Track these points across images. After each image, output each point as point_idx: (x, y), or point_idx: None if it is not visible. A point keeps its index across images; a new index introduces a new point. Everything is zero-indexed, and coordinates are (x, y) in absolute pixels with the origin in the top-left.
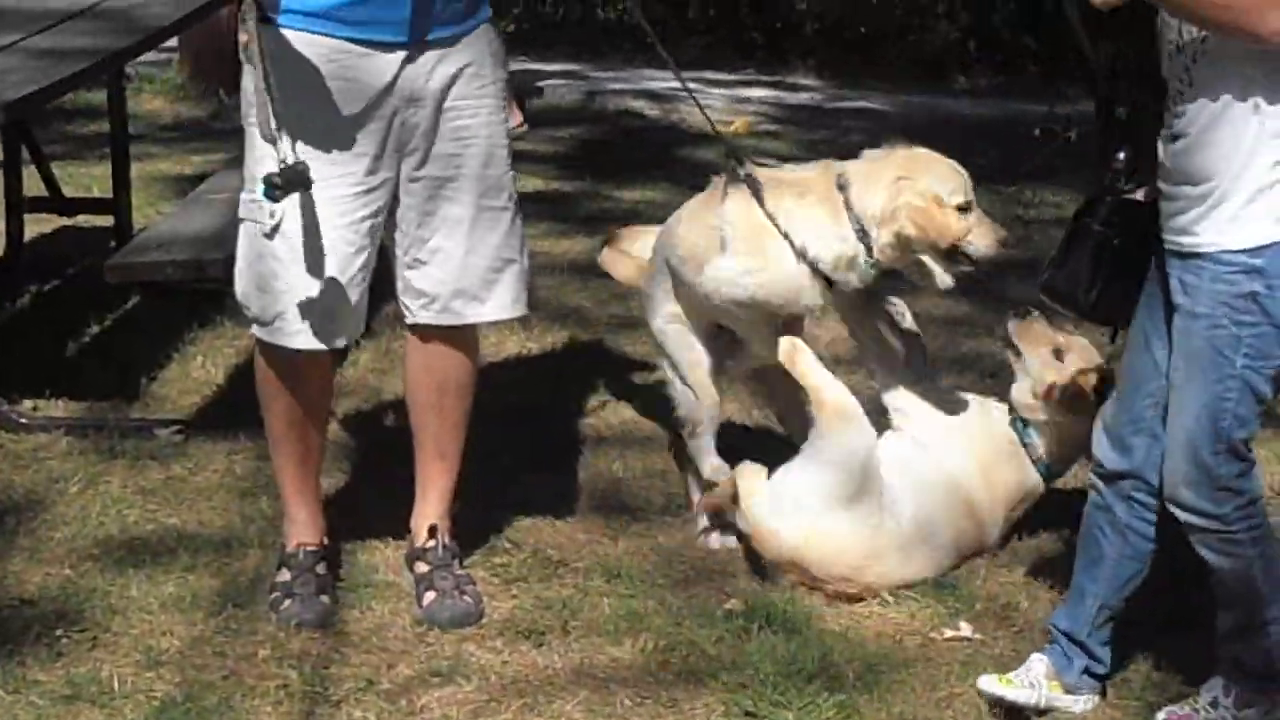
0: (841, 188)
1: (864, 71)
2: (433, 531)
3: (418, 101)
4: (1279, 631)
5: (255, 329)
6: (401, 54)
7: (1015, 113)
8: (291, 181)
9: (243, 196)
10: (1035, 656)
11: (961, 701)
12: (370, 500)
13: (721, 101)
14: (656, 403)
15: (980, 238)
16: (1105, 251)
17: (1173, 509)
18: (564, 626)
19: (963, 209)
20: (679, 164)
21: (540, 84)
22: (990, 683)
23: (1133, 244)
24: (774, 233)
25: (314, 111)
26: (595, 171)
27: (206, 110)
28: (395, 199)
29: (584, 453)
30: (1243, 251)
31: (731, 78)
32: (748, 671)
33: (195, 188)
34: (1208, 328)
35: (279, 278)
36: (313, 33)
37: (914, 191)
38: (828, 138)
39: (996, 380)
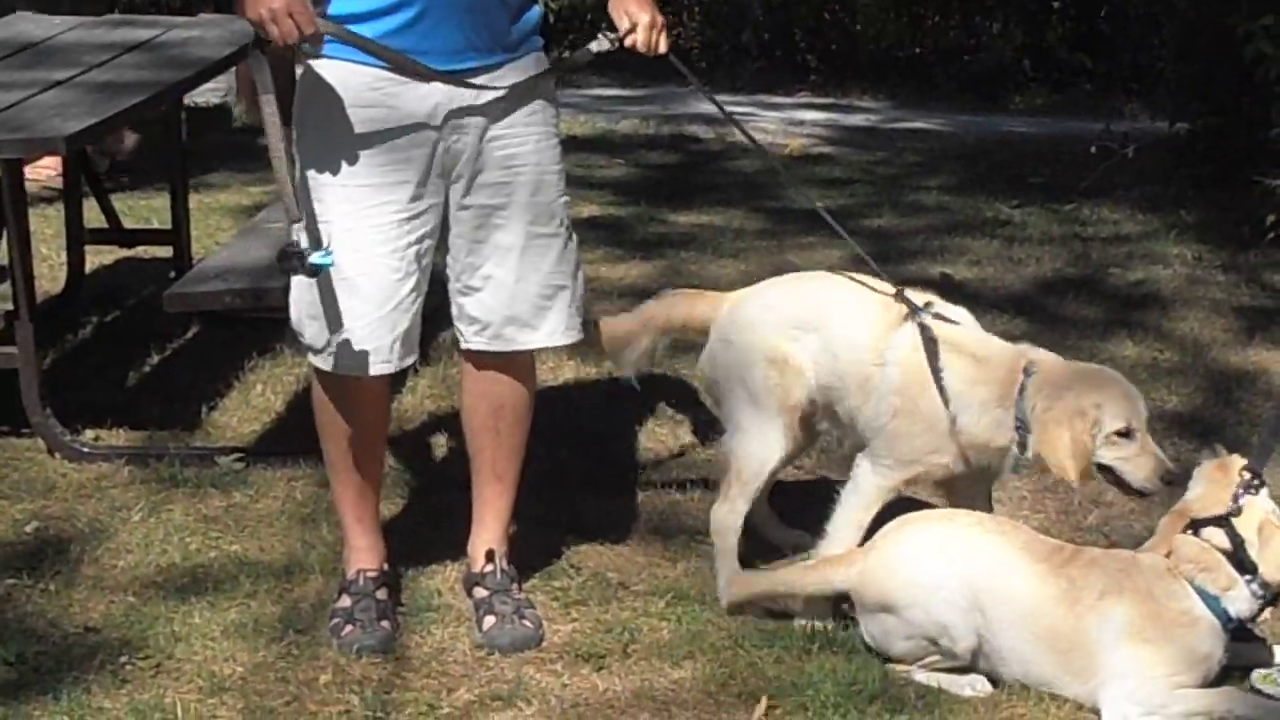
0: (1026, 372)
1: (920, 92)
2: (490, 556)
3: (461, 129)
4: None
5: (309, 356)
6: (442, 82)
7: (1071, 130)
8: (292, 263)
9: (292, 225)
10: None
11: None
12: (429, 525)
13: (776, 124)
14: (715, 425)
15: (1138, 469)
16: None
17: None
18: (624, 649)
19: (1122, 435)
20: (735, 187)
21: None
22: (1257, 679)
23: None
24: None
25: (355, 140)
26: (651, 196)
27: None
28: (446, 225)
29: (643, 475)
30: None
31: (787, 100)
32: (808, 693)
33: (253, 217)
34: None
35: (329, 305)
36: (354, 62)
37: (1070, 407)
38: (884, 158)
39: None
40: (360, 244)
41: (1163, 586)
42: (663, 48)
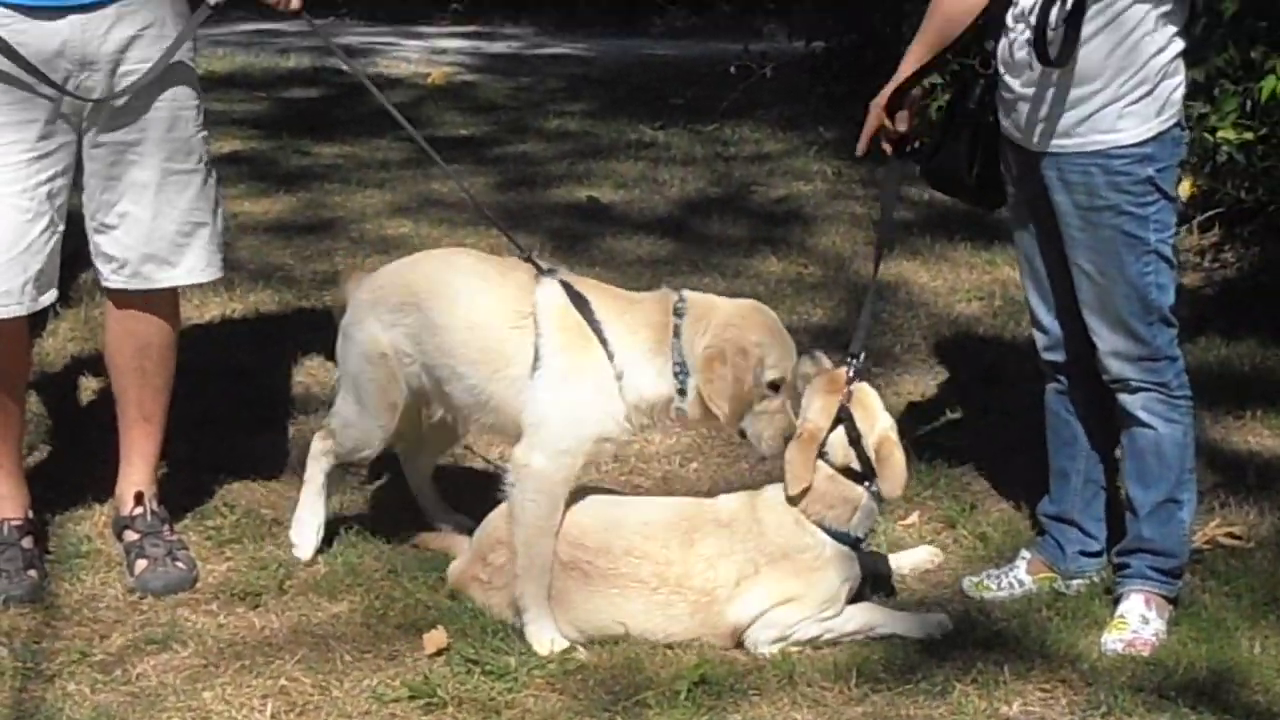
0: (676, 313)
1: (561, 18)
2: (139, 498)
3: (90, 65)
4: (1188, 515)
5: None
6: (71, 17)
7: (711, 52)
8: None
9: None
10: (1019, 557)
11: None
12: (75, 470)
13: (419, 54)
14: None
15: (771, 426)
16: (983, 131)
17: (1118, 388)
18: (280, 586)
19: (773, 387)
20: (378, 118)
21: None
22: (969, 586)
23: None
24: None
25: None
26: (293, 129)
27: None
28: (81, 164)
29: (293, 411)
30: (1133, 145)
31: (430, 30)
32: (466, 619)
33: None
34: (1114, 215)
35: None
36: None
37: (735, 344)
38: (528, 85)
39: None
40: None
41: (794, 540)
42: (294, 4)
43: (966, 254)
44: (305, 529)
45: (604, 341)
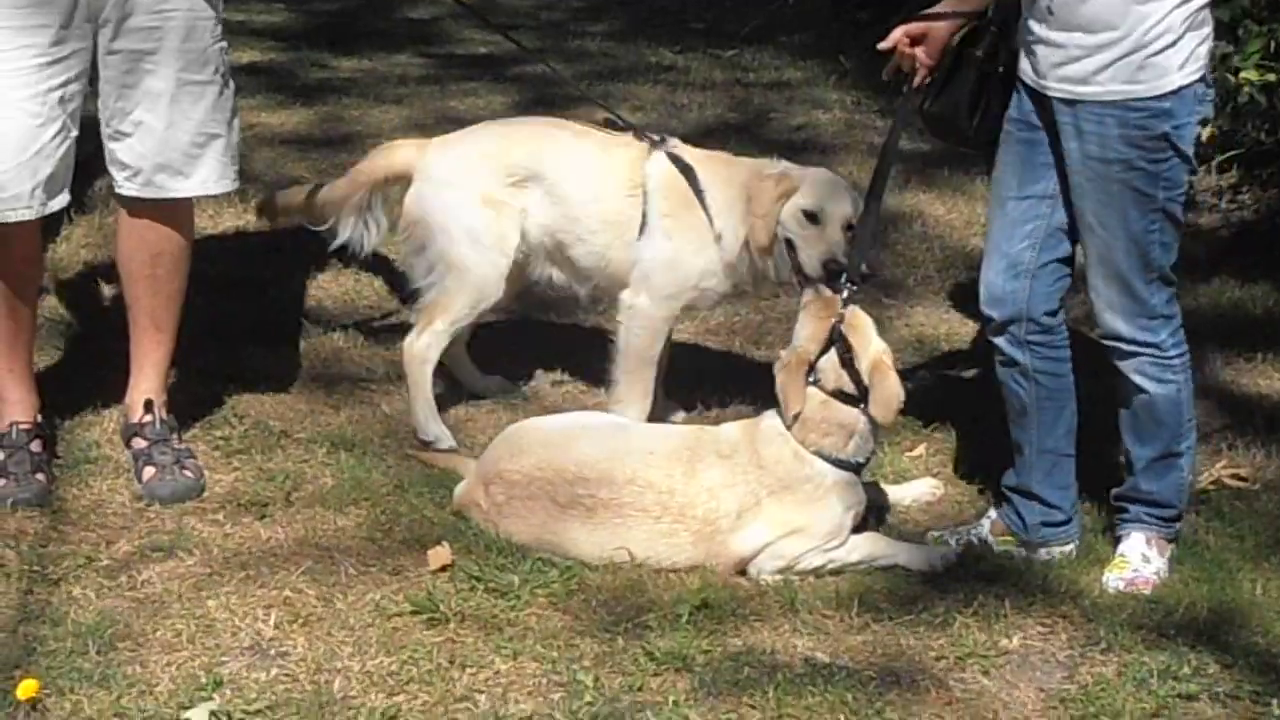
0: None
1: None
2: (149, 406)
3: None
4: (1188, 463)
5: None
6: None
7: None
8: None
9: None
10: (985, 516)
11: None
12: (86, 376)
13: None
14: (376, 273)
15: (809, 247)
16: (989, 80)
17: (1110, 344)
18: (287, 498)
19: (809, 216)
20: (399, 32)
21: None
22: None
23: (1009, 76)
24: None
25: None
26: (312, 42)
27: None
28: (97, 70)
29: (305, 324)
30: (1152, 99)
31: None
32: (471, 536)
33: None
34: (1124, 169)
35: None
36: None
37: (778, 173)
38: (549, 3)
39: None
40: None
41: (794, 473)
42: None
43: (983, 188)
44: (434, 424)
45: (705, 207)
